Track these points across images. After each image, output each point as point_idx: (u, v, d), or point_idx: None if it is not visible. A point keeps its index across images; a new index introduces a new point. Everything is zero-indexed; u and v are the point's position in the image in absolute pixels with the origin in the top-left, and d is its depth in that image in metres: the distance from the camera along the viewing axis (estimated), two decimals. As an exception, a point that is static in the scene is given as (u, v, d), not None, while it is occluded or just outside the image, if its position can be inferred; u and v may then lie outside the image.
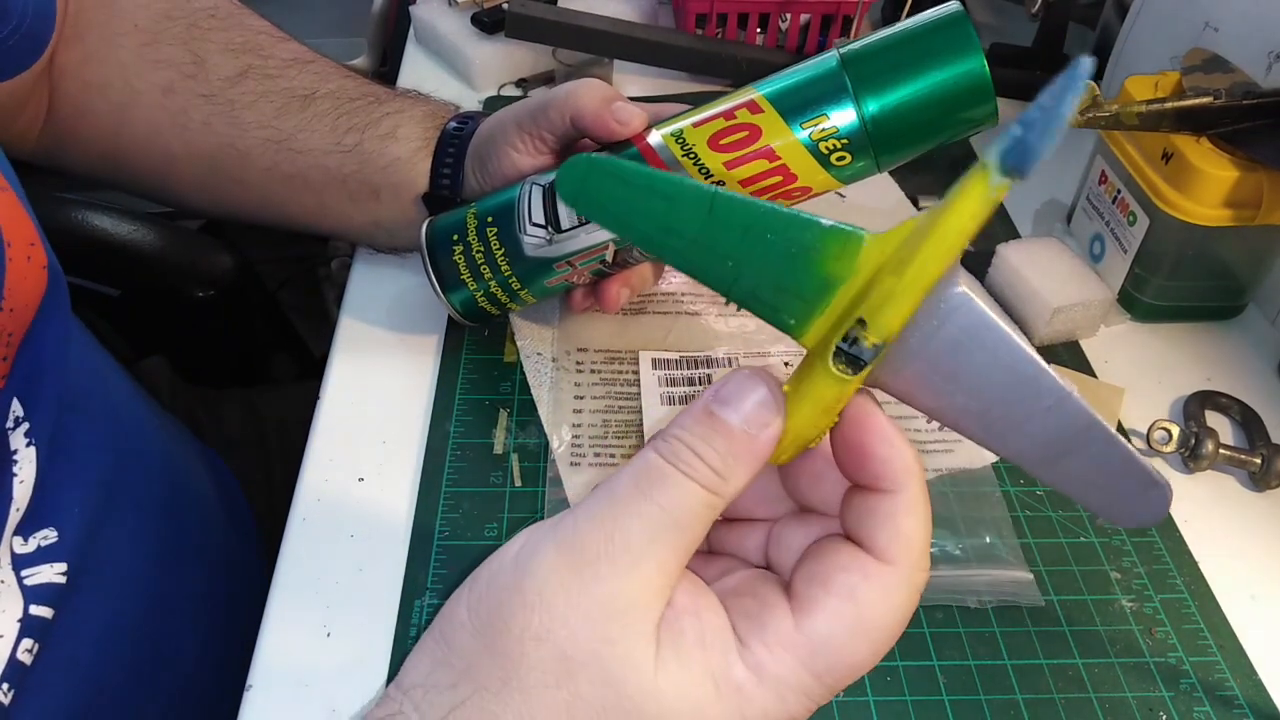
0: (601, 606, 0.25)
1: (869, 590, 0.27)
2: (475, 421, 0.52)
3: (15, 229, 0.37)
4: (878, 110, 0.43)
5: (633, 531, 0.26)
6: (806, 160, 0.44)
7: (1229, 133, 0.56)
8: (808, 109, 0.44)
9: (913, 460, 0.27)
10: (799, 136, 0.44)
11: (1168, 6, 0.72)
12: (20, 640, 0.37)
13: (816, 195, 0.46)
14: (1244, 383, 0.58)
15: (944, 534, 0.48)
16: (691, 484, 0.26)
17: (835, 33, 0.79)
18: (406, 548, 0.46)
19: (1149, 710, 0.43)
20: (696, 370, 0.55)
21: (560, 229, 0.48)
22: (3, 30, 0.47)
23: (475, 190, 0.52)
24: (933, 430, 0.53)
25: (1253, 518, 0.51)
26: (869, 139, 0.43)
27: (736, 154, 0.45)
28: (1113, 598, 0.47)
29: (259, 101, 0.53)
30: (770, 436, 0.27)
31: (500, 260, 0.50)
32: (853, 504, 0.28)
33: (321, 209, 0.55)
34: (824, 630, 0.26)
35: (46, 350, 0.39)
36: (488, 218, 0.50)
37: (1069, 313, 0.58)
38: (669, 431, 0.27)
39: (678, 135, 0.46)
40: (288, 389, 0.83)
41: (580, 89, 0.48)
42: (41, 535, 0.39)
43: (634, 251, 0.49)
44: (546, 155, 0.50)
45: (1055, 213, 0.70)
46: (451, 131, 0.54)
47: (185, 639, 0.51)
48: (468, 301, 0.52)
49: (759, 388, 0.27)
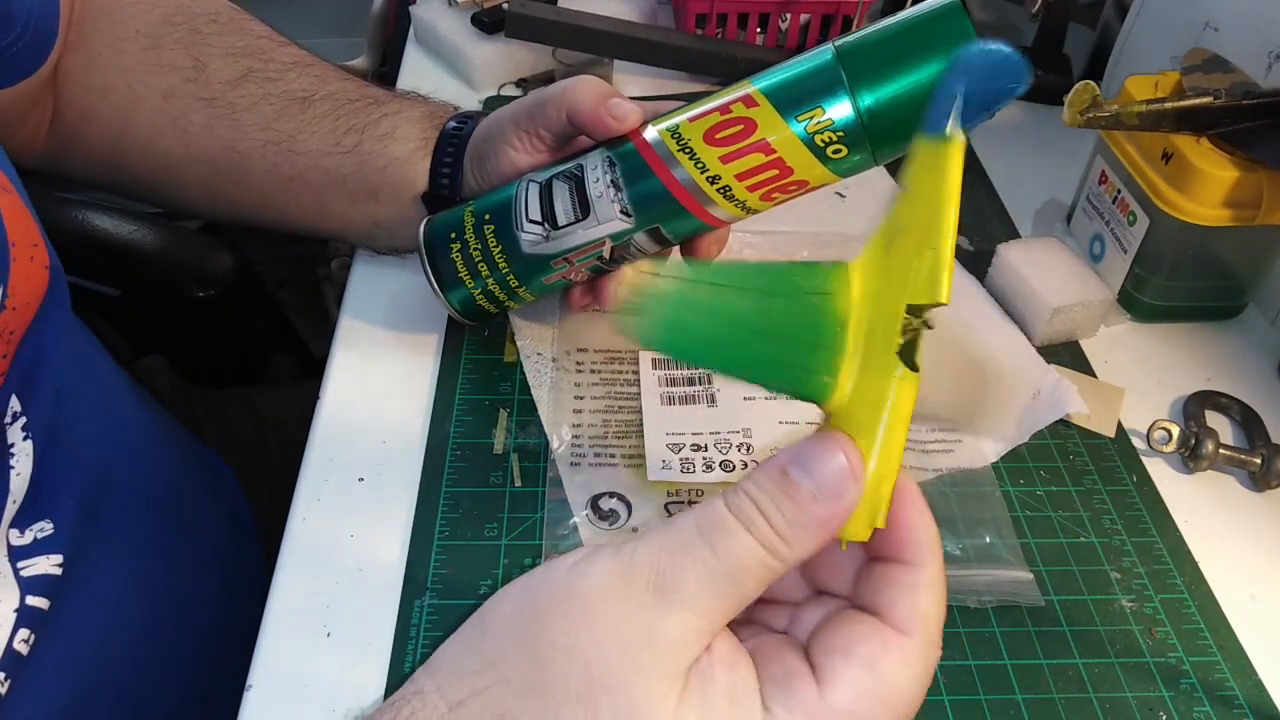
0: (639, 636, 0.26)
1: (889, 661, 0.27)
2: (475, 421, 0.52)
3: (19, 230, 0.37)
4: (873, 103, 0.42)
5: (685, 571, 0.26)
6: (803, 154, 0.44)
7: (1229, 133, 0.56)
8: (803, 102, 0.43)
9: (938, 537, 0.28)
10: (795, 130, 0.44)
11: (1168, 6, 0.72)
12: (16, 630, 0.37)
13: (814, 189, 0.46)
14: (1244, 383, 0.58)
15: (944, 534, 0.48)
16: (750, 540, 0.26)
17: (835, 32, 0.79)
18: (406, 548, 0.46)
19: (1149, 710, 0.43)
20: (697, 370, 0.55)
21: (557, 225, 0.48)
22: (7, 37, 0.47)
23: (474, 189, 0.53)
24: (933, 430, 0.53)
25: (1253, 518, 0.51)
26: (865, 132, 0.43)
27: (732, 148, 0.44)
28: (1113, 598, 0.47)
29: (259, 104, 0.54)
30: (843, 508, 0.27)
31: (498, 258, 0.50)
32: (872, 575, 0.28)
33: (321, 211, 0.56)
34: (847, 701, 0.26)
35: (46, 347, 0.40)
36: (485, 215, 0.50)
37: (1069, 313, 0.58)
38: (742, 483, 0.27)
39: (673, 130, 0.46)
40: (288, 389, 0.83)
41: (576, 85, 0.48)
42: (37, 528, 0.39)
43: (631, 248, 0.49)
44: (544, 153, 0.50)
45: (1055, 213, 0.70)
46: (451, 131, 0.54)
47: (184, 637, 0.51)
48: (466, 300, 0.52)
49: (837, 456, 0.26)
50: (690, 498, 0.49)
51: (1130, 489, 0.52)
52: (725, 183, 0.45)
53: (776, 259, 0.63)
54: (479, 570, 0.45)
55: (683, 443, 0.51)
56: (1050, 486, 0.51)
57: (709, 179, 0.45)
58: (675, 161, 0.45)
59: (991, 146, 0.75)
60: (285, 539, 0.46)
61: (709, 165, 0.45)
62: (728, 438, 0.52)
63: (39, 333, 0.39)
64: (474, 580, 0.45)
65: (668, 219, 0.47)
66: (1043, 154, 0.75)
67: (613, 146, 0.48)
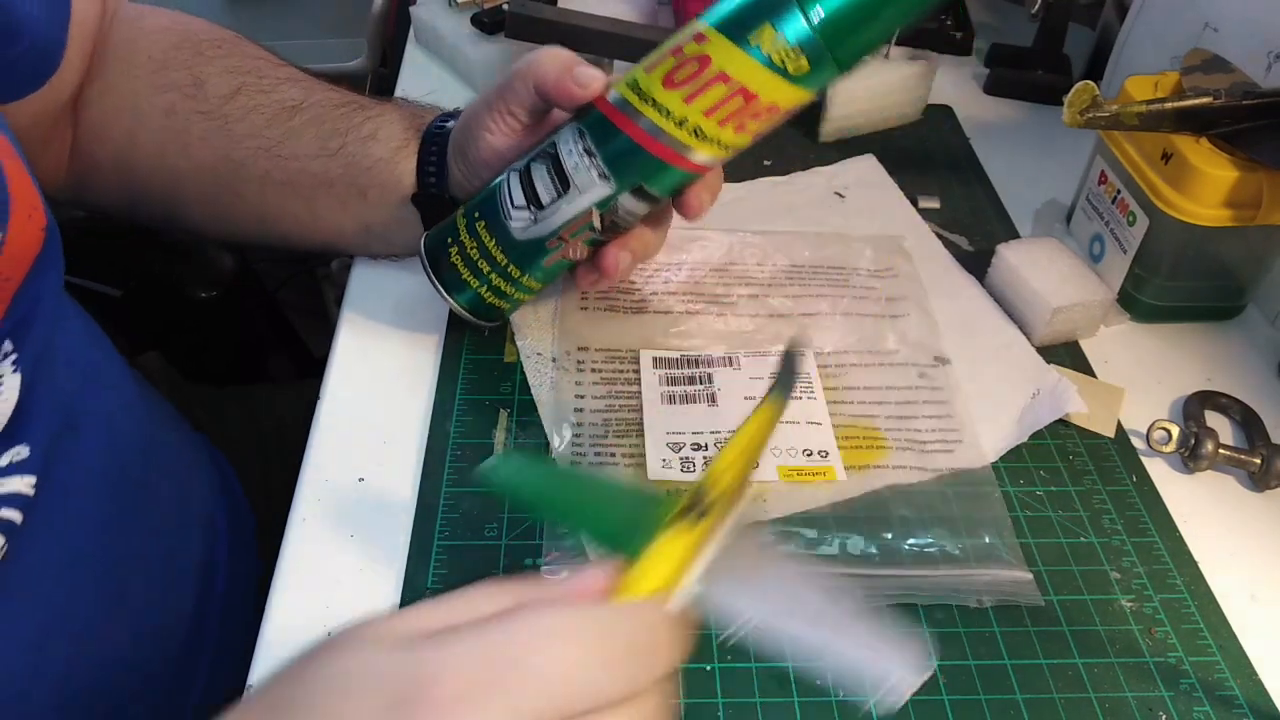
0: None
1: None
2: (475, 421, 0.52)
3: (20, 188, 0.40)
4: (825, 11, 0.42)
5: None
6: (764, 77, 0.43)
7: (1229, 133, 0.56)
8: (753, 25, 0.43)
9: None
10: (751, 55, 0.43)
11: (1168, 6, 0.72)
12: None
13: (789, 111, 0.45)
14: (1244, 383, 0.58)
15: (944, 534, 0.48)
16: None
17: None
18: (406, 548, 0.46)
19: (1148, 710, 0.43)
20: (697, 369, 0.55)
21: (542, 205, 0.48)
22: (16, 49, 0.49)
23: (461, 183, 0.53)
24: (933, 430, 0.53)
25: (1252, 518, 0.51)
26: (823, 41, 0.42)
27: (691, 86, 0.44)
28: (1112, 597, 0.47)
29: (250, 114, 0.55)
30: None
31: (494, 251, 0.50)
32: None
33: (314, 217, 0.56)
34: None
35: (41, 299, 0.42)
36: (475, 214, 0.50)
37: (1069, 313, 0.58)
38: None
39: (632, 85, 0.45)
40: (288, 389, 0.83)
41: (540, 58, 0.48)
42: (13, 452, 0.41)
43: (620, 213, 0.48)
44: (520, 132, 0.50)
45: (1055, 213, 0.70)
46: (434, 130, 0.54)
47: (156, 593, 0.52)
48: (474, 300, 0.52)
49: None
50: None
51: (1130, 489, 0.52)
52: (694, 123, 0.45)
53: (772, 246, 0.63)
54: (479, 570, 0.45)
55: (683, 442, 0.51)
56: (1050, 486, 0.51)
57: (677, 123, 0.45)
58: (639, 114, 0.45)
59: (991, 146, 0.75)
60: (285, 539, 0.46)
61: (673, 110, 0.44)
62: (728, 437, 0.51)
63: (35, 285, 0.41)
64: (474, 580, 0.45)
65: (648, 174, 0.47)
66: (1042, 154, 0.75)
67: (581, 117, 0.47)
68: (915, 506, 0.49)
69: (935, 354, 0.57)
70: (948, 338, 0.58)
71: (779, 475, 0.50)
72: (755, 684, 0.42)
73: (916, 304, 0.60)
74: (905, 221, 0.67)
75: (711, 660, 0.43)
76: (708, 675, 0.42)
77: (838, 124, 0.74)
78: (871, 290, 0.61)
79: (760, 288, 0.61)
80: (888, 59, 0.74)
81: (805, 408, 0.53)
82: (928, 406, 0.54)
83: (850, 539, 0.47)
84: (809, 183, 0.71)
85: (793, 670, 0.43)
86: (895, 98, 0.75)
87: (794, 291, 0.61)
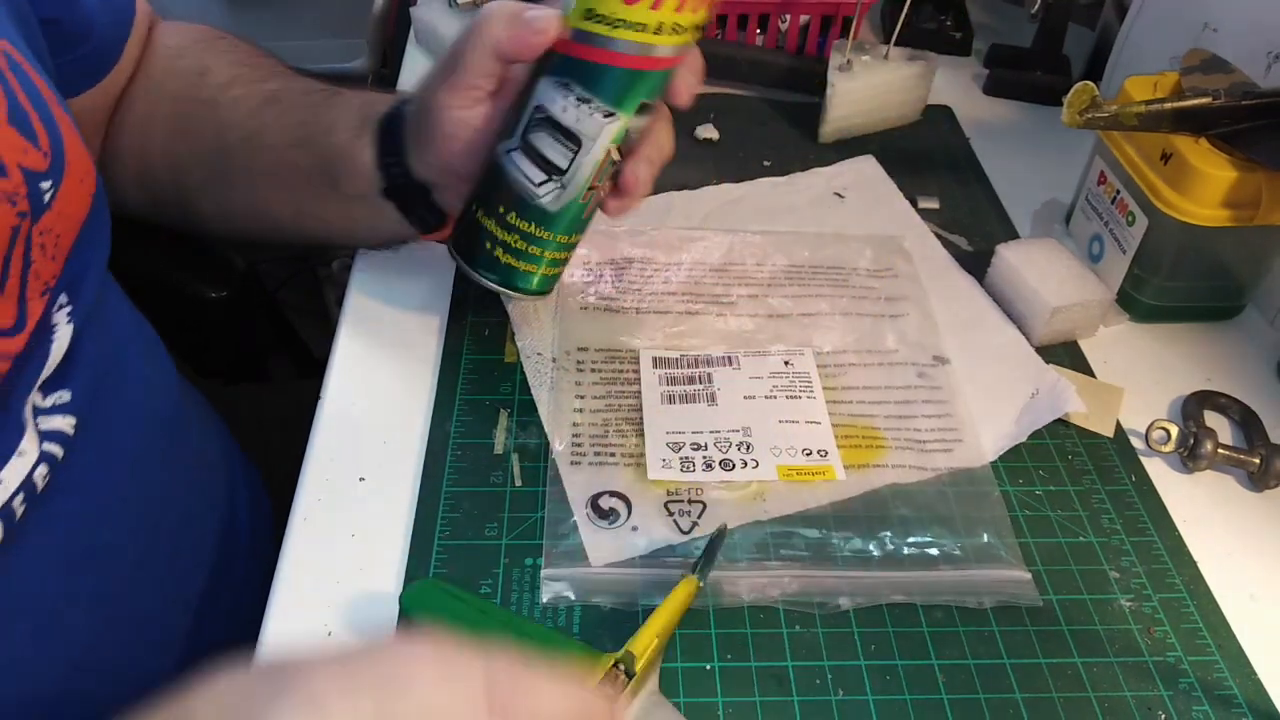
0: None
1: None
2: (475, 421, 0.52)
3: (76, 158, 0.43)
4: None
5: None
6: None
7: (1228, 133, 0.56)
8: None
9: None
10: None
11: (1167, 7, 0.72)
12: (36, 466, 0.42)
13: None
14: (1243, 383, 0.58)
15: (944, 534, 0.48)
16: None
17: (835, 33, 0.79)
18: (406, 548, 0.46)
19: (1147, 709, 0.43)
20: (697, 369, 0.55)
21: (562, 170, 0.48)
22: (84, 48, 0.52)
23: (424, 167, 0.51)
24: (932, 429, 0.53)
25: (1252, 518, 0.51)
26: None
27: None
28: (1111, 597, 0.47)
29: (238, 103, 0.56)
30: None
31: (538, 233, 0.50)
32: None
33: (298, 208, 0.57)
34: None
35: (91, 267, 0.45)
36: (498, 209, 0.49)
37: (1068, 313, 0.58)
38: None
39: (590, 15, 0.45)
40: (288, 389, 0.84)
41: (489, 23, 0.47)
42: (57, 395, 0.44)
43: (631, 137, 0.48)
44: (487, 101, 0.49)
45: (1054, 213, 0.70)
46: (388, 118, 0.52)
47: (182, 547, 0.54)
48: (542, 281, 0.52)
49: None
50: (690, 496, 0.49)
51: (1129, 489, 0.52)
52: (671, 23, 0.44)
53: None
54: (479, 570, 0.45)
55: (683, 441, 0.51)
56: (1049, 486, 0.51)
57: (654, 31, 0.44)
58: (612, 40, 0.45)
59: (991, 147, 0.75)
60: (286, 538, 0.46)
61: (648, 21, 0.44)
62: (728, 436, 0.52)
63: (85, 250, 0.44)
64: (474, 580, 0.45)
65: (649, 90, 0.47)
66: (1042, 154, 0.75)
67: (554, 71, 0.47)
68: (914, 506, 0.49)
69: (935, 354, 0.57)
70: (947, 337, 0.59)
71: (778, 474, 0.50)
72: (755, 684, 0.42)
73: (916, 304, 0.61)
74: (905, 222, 0.67)
75: (711, 660, 0.43)
76: (708, 674, 0.43)
77: (837, 124, 0.74)
78: (871, 290, 0.61)
79: (760, 288, 0.61)
80: (887, 59, 0.74)
81: (805, 407, 0.54)
82: (927, 406, 0.54)
83: (849, 538, 0.48)
84: (809, 183, 0.71)
85: (793, 670, 0.43)
86: (895, 98, 0.75)
87: (793, 291, 0.61)
